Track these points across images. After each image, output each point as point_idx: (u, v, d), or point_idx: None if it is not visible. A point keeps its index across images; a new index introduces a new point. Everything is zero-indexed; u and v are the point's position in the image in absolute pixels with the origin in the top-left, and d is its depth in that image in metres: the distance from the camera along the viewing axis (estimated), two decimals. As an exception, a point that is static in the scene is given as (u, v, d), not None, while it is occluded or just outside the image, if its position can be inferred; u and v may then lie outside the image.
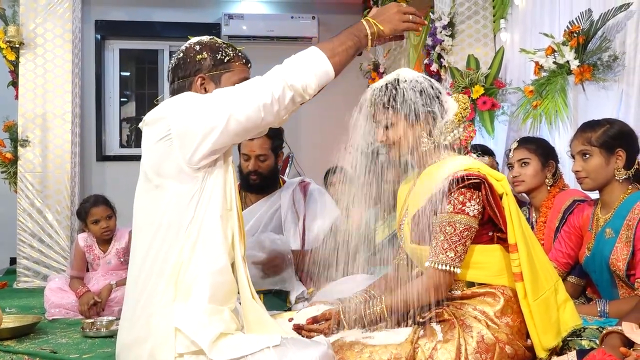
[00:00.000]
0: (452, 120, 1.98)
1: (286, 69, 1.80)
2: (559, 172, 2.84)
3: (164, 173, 1.77)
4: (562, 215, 2.62)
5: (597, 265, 2.32)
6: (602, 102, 3.20)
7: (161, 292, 1.74)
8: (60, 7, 4.91)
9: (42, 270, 4.72)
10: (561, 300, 1.90)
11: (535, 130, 3.55)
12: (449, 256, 1.84)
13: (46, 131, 4.85)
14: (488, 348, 1.78)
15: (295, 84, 1.78)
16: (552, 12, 3.90)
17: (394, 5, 1.97)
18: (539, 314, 1.82)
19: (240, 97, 1.75)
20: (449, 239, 1.85)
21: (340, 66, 1.86)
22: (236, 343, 1.71)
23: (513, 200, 1.90)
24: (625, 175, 2.27)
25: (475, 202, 1.86)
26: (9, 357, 2.48)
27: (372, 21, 1.91)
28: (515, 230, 1.85)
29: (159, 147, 1.77)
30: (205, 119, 1.74)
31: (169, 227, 1.76)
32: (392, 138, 1.99)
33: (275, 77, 1.78)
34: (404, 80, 1.97)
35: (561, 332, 1.86)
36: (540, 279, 1.87)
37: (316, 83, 1.82)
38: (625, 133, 2.31)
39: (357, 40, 1.89)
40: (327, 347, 1.70)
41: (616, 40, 3.23)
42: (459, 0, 4.57)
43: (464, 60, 4.40)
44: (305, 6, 6.56)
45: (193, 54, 1.93)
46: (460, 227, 1.84)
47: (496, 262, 1.92)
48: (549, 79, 3.44)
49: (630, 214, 2.20)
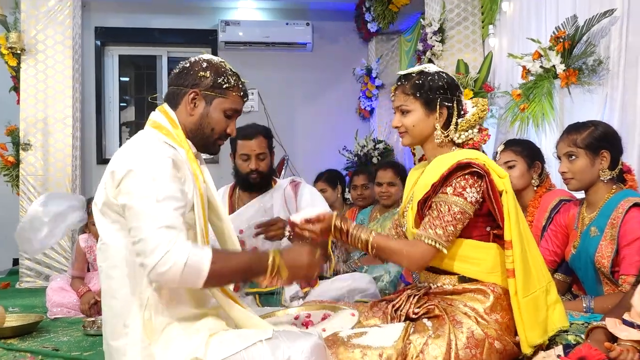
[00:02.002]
0: (468, 119, 1.99)
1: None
2: (545, 173, 2.85)
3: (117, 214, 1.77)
4: (549, 214, 2.63)
5: (583, 262, 2.34)
6: (587, 105, 3.22)
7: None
8: (60, 14, 4.90)
9: (44, 270, 4.70)
10: (551, 301, 1.90)
11: (522, 132, 3.57)
12: (437, 233, 1.84)
13: (47, 135, 4.84)
14: (477, 343, 1.79)
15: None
16: (538, 18, 3.93)
17: (307, 255, 1.79)
18: (527, 311, 1.83)
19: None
20: (442, 217, 1.85)
21: (218, 280, 1.70)
22: (228, 339, 1.70)
23: (513, 198, 1.90)
24: (610, 175, 2.29)
25: (475, 190, 1.86)
26: (12, 354, 2.47)
27: (278, 263, 1.73)
28: (512, 228, 1.85)
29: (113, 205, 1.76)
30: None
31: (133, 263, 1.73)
32: (407, 124, 2.00)
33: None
34: (429, 72, 2.00)
35: (548, 332, 1.86)
36: (532, 277, 1.87)
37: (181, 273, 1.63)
38: (609, 135, 2.32)
39: (251, 273, 1.76)
40: (318, 338, 1.70)
41: (601, 45, 3.25)
42: (448, 7, 4.60)
43: (454, 65, 4.42)
44: (300, 13, 6.58)
45: (197, 68, 1.90)
46: (455, 208, 1.85)
47: (490, 260, 1.92)
48: (536, 82, 3.46)
49: (615, 213, 2.21)
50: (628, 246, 2.15)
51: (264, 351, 1.64)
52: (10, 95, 5.08)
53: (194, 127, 1.90)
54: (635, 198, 2.20)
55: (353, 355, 1.73)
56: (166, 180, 1.70)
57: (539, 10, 3.92)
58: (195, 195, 1.80)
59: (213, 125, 1.90)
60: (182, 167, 1.79)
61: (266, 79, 6.27)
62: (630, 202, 2.19)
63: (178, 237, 1.63)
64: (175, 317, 1.76)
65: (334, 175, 4.67)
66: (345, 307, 2.16)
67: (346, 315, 2.08)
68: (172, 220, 1.65)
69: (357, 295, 2.83)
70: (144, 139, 1.85)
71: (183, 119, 1.89)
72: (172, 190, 1.70)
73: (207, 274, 1.62)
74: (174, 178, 1.73)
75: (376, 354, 1.72)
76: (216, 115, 1.90)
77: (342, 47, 6.74)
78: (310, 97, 6.66)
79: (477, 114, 1.99)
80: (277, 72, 6.43)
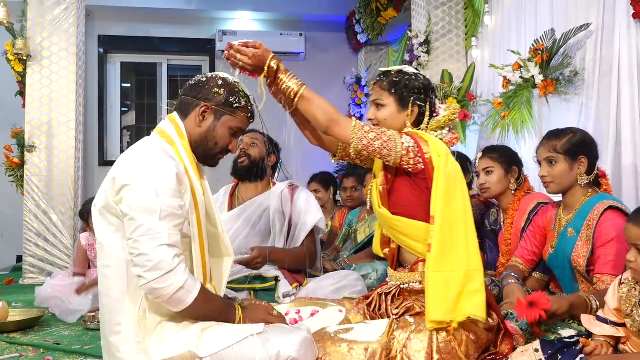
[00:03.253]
0: (438, 120, 1.99)
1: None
2: (523, 176, 2.85)
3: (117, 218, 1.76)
4: (528, 216, 2.64)
5: (560, 262, 2.34)
6: (564, 113, 3.23)
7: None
8: (65, 23, 4.87)
9: (46, 267, 4.66)
10: (471, 289, 1.80)
11: (503, 139, 3.58)
12: (365, 129, 1.87)
13: (51, 138, 4.80)
14: (455, 336, 1.78)
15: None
16: (518, 31, 3.95)
17: (263, 309, 1.89)
18: (434, 286, 1.78)
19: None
20: (381, 136, 1.86)
21: (193, 312, 1.73)
22: (221, 334, 1.69)
23: (445, 178, 1.84)
24: (587, 180, 2.29)
25: (410, 139, 1.87)
26: (14, 348, 2.44)
27: (240, 315, 1.82)
28: (438, 205, 1.82)
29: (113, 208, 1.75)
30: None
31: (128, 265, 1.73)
32: (379, 118, 2.00)
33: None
34: (407, 72, 2.01)
35: (456, 314, 1.76)
36: (450, 257, 1.81)
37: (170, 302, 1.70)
38: (586, 141, 2.32)
39: (219, 318, 1.78)
40: (307, 333, 1.71)
41: (577, 57, 3.27)
42: (434, 20, 4.61)
43: (439, 75, 4.43)
44: (294, 24, 6.58)
45: (213, 84, 1.90)
46: (390, 134, 1.87)
47: None
48: (516, 92, 3.48)
49: (590, 215, 2.22)
50: (603, 247, 2.16)
51: (255, 345, 1.64)
52: (16, 100, 5.06)
53: (199, 139, 1.90)
54: (610, 201, 2.21)
55: (340, 349, 1.71)
56: (169, 196, 1.71)
57: (519, 24, 3.94)
58: (192, 208, 1.80)
59: (217, 140, 1.91)
60: (184, 181, 1.79)
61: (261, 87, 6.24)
62: (605, 205, 2.19)
63: (180, 260, 1.69)
64: (168, 313, 1.75)
65: (326, 177, 4.69)
66: (334, 304, 2.15)
67: (334, 312, 2.07)
68: (172, 239, 1.69)
69: (346, 292, 2.82)
70: (149, 146, 1.84)
71: (190, 130, 1.89)
72: (174, 207, 1.72)
73: (189, 304, 1.69)
74: (176, 193, 1.73)
75: (362, 348, 1.71)
76: (222, 131, 1.90)
77: (334, 56, 6.75)
78: (303, 104, 6.64)
79: (447, 117, 2.00)
80: (272, 80, 6.42)
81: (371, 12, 5.86)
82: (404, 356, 1.73)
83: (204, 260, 1.84)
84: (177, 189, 1.74)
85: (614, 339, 1.72)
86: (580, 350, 1.67)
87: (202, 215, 1.85)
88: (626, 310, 1.68)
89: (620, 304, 1.70)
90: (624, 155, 2.93)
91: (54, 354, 2.33)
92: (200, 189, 1.84)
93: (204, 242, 1.85)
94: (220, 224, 1.99)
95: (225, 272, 2.00)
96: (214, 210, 1.96)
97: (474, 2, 4.51)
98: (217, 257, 2.00)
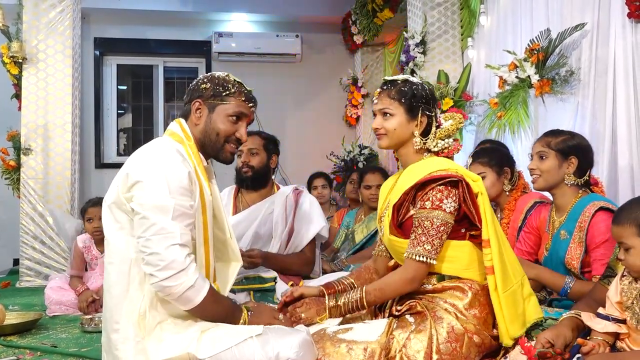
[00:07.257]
0: (447, 128, 1.99)
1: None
2: (516, 174, 2.84)
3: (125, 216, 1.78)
4: (524, 216, 2.63)
5: (555, 264, 2.34)
6: (560, 113, 3.24)
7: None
8: (61, 25, 4.86)
9: (43, 270, 4.65)
10: (526, 294, 1.91)
11: (499, 138, 3.59)
12: (425, 248, 1.83)
13: (47, 140, 4.79)
14: (457, 337, 1.79)
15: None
16: (514, 31, 3.95)
17: (268, 313, 1.93)
18: (507, 305, 1.83)
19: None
20: (427, 232, 1.84)
21: (201, 311, 1.76)
22: (220, 335, 1.70)
23: (487, 199, 1.91)
24: (574, 181, 2.29)
25: (452, 200, 1.85)
26: (11, 351, 2.44)
27: (245, 318, 1.85)
28: (489, 227, 1.86)
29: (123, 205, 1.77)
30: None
31: (136, 262, 1.74)
32: (388, 127, 1.97)
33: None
34: (413, 81, 2.00)
35: (526, 323, 1.86)
36: (509, 273, 1.87)
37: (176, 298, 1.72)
38: (582, 146, 2.33)
39: (226, 319, 1.81)
40: (306, 334, 1.71)
41: (572, 57, 3.27)
42: (430, 20, 4.61)
43: (435, 75, 4.44)
44: (290, 26, 6.58)
45: (200, 82, 1.96)
46: (438, 222, 1.84)
47: (465, 257, 1.91)
48: (512, 92, 3.48)
49: (582, 217, 2.22)
50: (597, 248, 2.16)
51: (255, 347, 1.64)
52: (12, 102, 5.04)
53: (201, 136, 1.92)
54: (601, 202, 2.21)
55: (339, 349, 1.71)
56: (181, 195, 1.72)
57: (514, 24, 3.95)
58: (199, 208, 1.81)
59: (217, 130, 1.92)
60: (195, 180, 1.80)
61: (257, 88, 6.21)
62: (596, 207, 2.19)
63: (191, 259, 1.70)
64: (169, 314, 1.75)
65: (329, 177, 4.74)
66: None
67: None
68: (184, 238, 1.71)
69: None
70: (162, 145, 1.86)
71: (192, 129, 1.92)
72: (186, 206, 1.73)
73: (197, 303, 1.71)
74: (187, 192, 1.75)
75: (361, 348, 1.71)
76: (220, 121, 1.92)
77: (330, 58, 6.75)
78: (299, 105, 6.66)
79: (454, 125, 2.00)
80: (268, 81, 6.42)
81: (367, 13, 5.87)
82: (403, 356, 1.73)
83: (207, 262, 1.85)
84: (189, 188, 1.75)
85: (612, 337, 1.72)
86: (577, 350, 1.67)
87: (209, 217, 1.87)
88: (627, 302, 1.69)
89: (622, 296, 1.71)
90: (619, 155, 2.93)
91: (51, 357, 2.33)
92: (208, 190, 1.86)
93: (209, 245, 1.86)
94: (228, 229, 2.00)
95: (232, 277, 2.02)
96: (222, 214, 1.97)
97: (469, 3, 4.51)
98: (224, 261, 2.01)
